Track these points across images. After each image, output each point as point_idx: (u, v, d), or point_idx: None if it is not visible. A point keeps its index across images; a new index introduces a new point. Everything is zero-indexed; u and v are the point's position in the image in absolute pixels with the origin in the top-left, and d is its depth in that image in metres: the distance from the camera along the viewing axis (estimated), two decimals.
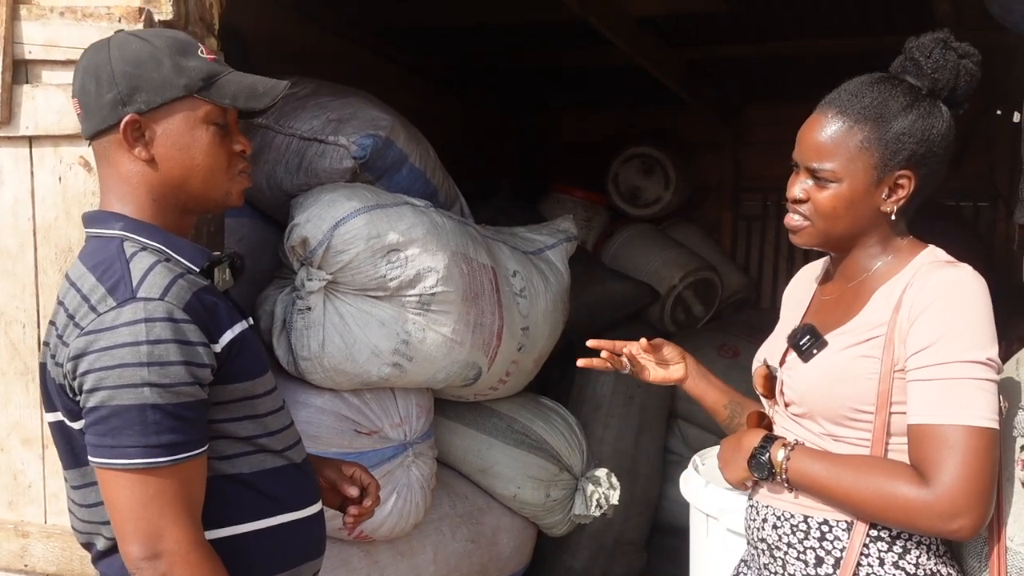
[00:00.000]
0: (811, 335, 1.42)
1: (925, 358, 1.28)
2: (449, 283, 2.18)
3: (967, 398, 1.25)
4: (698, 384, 1.71)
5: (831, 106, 1.40)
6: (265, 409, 1.39)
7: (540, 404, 2.80)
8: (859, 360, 1.35)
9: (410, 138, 2.36)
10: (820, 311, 1.51)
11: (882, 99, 1.37)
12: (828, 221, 1.39)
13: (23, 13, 1.75)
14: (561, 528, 2.78)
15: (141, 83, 1.31)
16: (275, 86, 1.42)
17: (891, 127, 1.35)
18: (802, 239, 1.44)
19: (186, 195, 1.37)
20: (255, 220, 2.35)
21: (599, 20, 3.26)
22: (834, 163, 1.37)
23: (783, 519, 1.43)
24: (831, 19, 3.70)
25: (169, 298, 1.25)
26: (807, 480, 1.36)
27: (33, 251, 1.81)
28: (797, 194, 1.42)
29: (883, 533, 1.35)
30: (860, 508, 1.33)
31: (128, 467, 1.22)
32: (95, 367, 1.22)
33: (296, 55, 3.24)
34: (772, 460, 1.39)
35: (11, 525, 1.86)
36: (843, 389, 1.36)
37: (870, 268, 1.43)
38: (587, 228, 4.63)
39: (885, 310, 1.35)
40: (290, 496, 1.41)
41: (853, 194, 1.37)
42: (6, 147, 1.80)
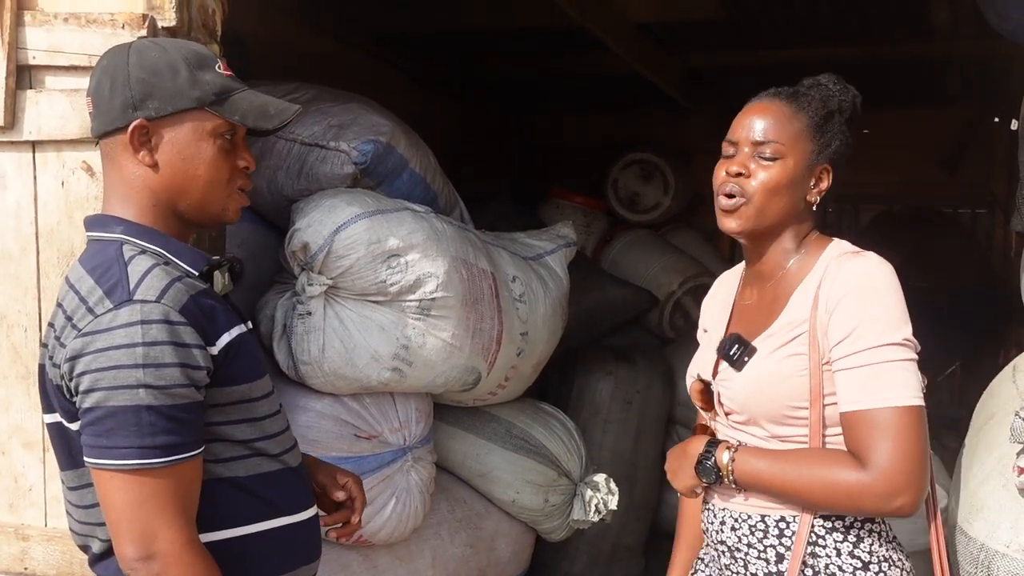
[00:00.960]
0: (739, 343, 1.47)
1: (846, 347, 1.34)
2: (449, 288, 2.19)
3: (890, 380, 1.32)
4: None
5: (774, 96, 1.50)
6: (262, 413, 1.39)
7: (539, 409, 2.81)
8: (789, 359, 1.41)
9: (410, 144, 2.37)
10: (743, 317, 1.55)
11: (812, 100, 1.48)
12: (767, 198, 1.44)
13: (27, 19, 1.76)
14: (560, 533, 2.78)
15: (154, 90, 1.33)
16: (286, 109, 1.43)
17: (824, 123, 1.47)
18: (739, 220, 1.47)
19: (184, 203, 1.38)
20: (256, 225, 2.36)
21: (598, 26, 3.28)
22: (781, 139, 1.45)
23: (740, 520, 1.47)
24: (830, 27, 3.72)
25: (166, 301, 1.26)
26: (753, 479, 1.40)
27: (35, 255, 1.82)
28: (737, 168, 1.46)
29: (837, 523, 1.40)
30: (807, 499, 1.37)
31: (123, 468, 1.23)
32: (91, 368, 1.23)
33: (297, 60, 3.25)
34: (718, 464, 1.43)
35: (11, 528, 1.87)
36: (779, 390, 1.41)
37: (785, 265, 1.49)
38: (586, 233, 4.63)
39: (804, 307, 1.42)
40: (286, 500, 1.42)
41: (794, 173, 1.45)
42: (9, 152, 1.81)
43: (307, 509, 1.47)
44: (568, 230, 2.89)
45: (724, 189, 1.48)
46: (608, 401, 3.66)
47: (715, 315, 1.65)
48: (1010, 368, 1.80)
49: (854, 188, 5.25)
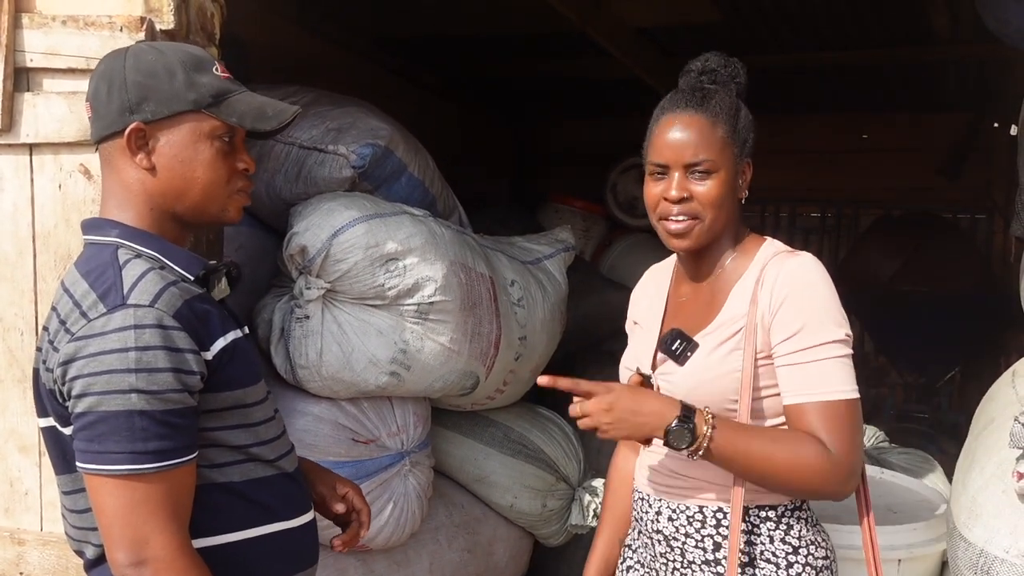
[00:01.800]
0: (681, 339, 1.49)
1: (791, 345, 1.40)
2: (447, 292, 2.18)
3: (834, 375, 1.39)
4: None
5: (686, 108, 1.50)
6: (257, 418, 1.39)
7: (537, 414, 2.80)
8: (730, 355, 1.45)
9: (409, 148, 2.37)
10: (679, 312, 1.58)
11: (720, 99, 1.50)
12: (714, 212, 1.47)
13: (25, 21, 1.76)
14: (557, 538, 2.78)
15: (150, 93, 1.33)
16: (284, 110, 1.43)
17: (736, 121, 1.50)
18: (692, 240, 1.48)
19: (184, 207, 1.38)
20: (254, 228, 2.36)
21: (597, 31, 3.28)
22: (711, 154, 1.46)
23: (678, 511, 1.51)
24: (828, 32, 3.73)
25: (159, 305, 1.25)
26: (728, 450, 1.38)
27: (32, 258, 1.81)
28: (679, 194, 1.47)
29: (770, 513, 1.47)
30: (774, 474, 1.39)
31: (114, 473, 1.22)
32: (84, 373, 1.22)
33: (296, 64, 3.25)
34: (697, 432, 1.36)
35: (7, 533, 1.86)
36: (720, 384, 1.45)
37: (723, 264, 1.52)
38: (585, 238, 4.63)
39: (743, 304, 1.46)
40: (281, 505, 1.41)
41: (730, 181, 1.47)
42: (6, 154, 1.81)
43: (303, 514, 1.46)
44: (567, 234, 2.89)
45: (670, 215, 1.49)
46: None
47: (646, 309, 1.66)
48: (1009, 373, 1.80)
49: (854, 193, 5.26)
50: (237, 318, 1.45)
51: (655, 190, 1.50)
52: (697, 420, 1.40)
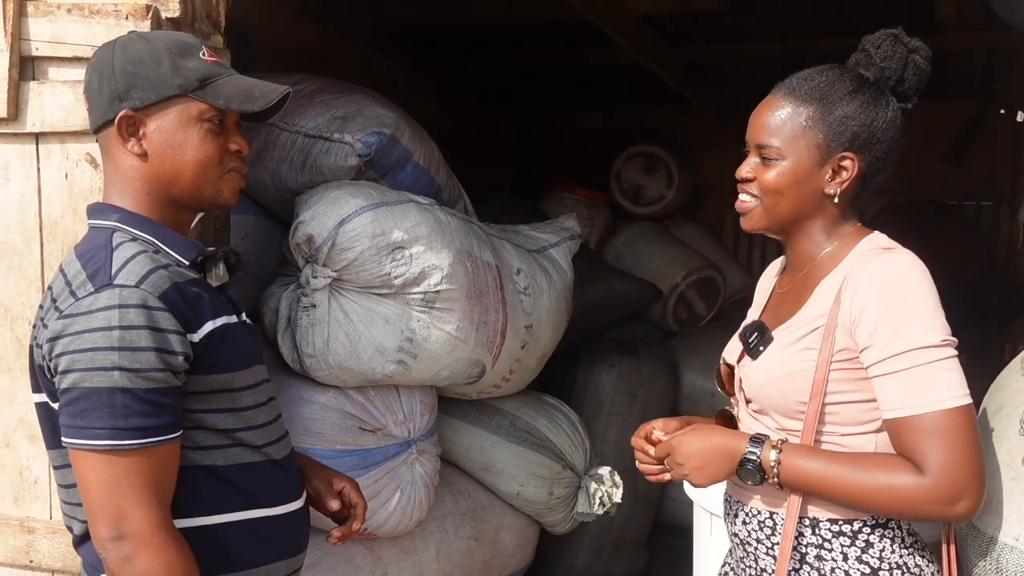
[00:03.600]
0: (758, 332, 1.46)
1: (880, 351, 1.29)
2: (453, 281, 2.18)
3: (935, 382, 1.27)
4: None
5: (780, 89, 1.45)
6: (246, 403, 1.41)
7: (543, 402, 2.80)
8: (802, 353, 1.38)
9: (414, 136, 2.36)
10: (775, 305, 1.53)
11: (828, 82, 1.41)
12: (772, 199, 1.41)
13: (30, 10, 1.75)
14: (564, 526, 2.78)
15: (138, 80, 1.37)
16: (271, 90, 1.44)
17: (835, 109, 1.38)
18: (750, 221, 1.46)
19: (178, 190, 1.41)
20: (260, 217, 2.35)
21: (601, 19, 3.27)
22: (779, 140, 1.40)
23: (751, 515, 1.46)
24: (832, 18, 3.71)
25: (145, 286, 1.28)
26: (801, 479, 1.34)
27: (39, 247, 1.81)
28: (745, 173, 1.45)
29: (845, 527, 1.37)
30: (860, 503, 1.32)
31: (96, 448, 1.25)
32: (69, 349, 1.26)
33: (300, 53, 3.25)
34: (763, 464, 1.35)
35: (16, 521, 1.86)
36: (789, 384, 1.38)
37: (815, 256, 1.45)
38: (590, 226, 4.63)
39: (826, 301, 1.37)
40: (266, 492, 1.43)
41: (796, 172, 1.39)
42: (13, 144, 1.80)
43: (290, 502, 1.47)
44: (572, 223, 2.88)
45: (739, 195, 1.47)
46: (612, 394, 3.65)
47: (757, 301, 1.64)
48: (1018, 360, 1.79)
49: None
50: (235, 305, 1.47)
51: (739, 168, 1.47)
52: (763, 453, 1.35)
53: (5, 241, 1.83)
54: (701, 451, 1.40)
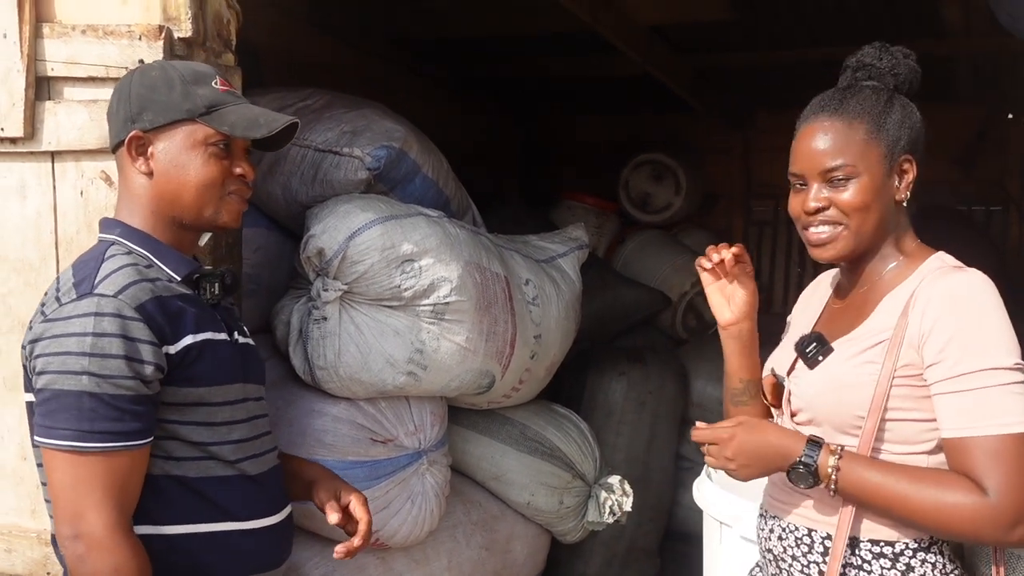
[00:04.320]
0: (817, 342, 1.43)
1: (947, 370, 1.27)
2: (463, 292, 2.20)
3: (1000, 405, 1.24)
4: (731, 341, 1.61)
5: (819, 115, 1.42)
6: (221, 418, 1.45)
7: (553, 411, 2.82)
8: (863, 366, 1.35)
9: (423, 149, 2.39)
10: (830, 319, 1.51)
11: (864, 99, 1.41)
12: (860, 218, 1.38)
13: (46, 31, 1.78)
14: (574, 535, 2.79)
15: (150, 104, 1.45)
16: (276, 120, 1.51)
17: (885, 119, 1.39)
18: (835, 249, 1.41)
19: (179, 209, 1.48)
20: (271, 231, 2.38)
21: (609, 29, 3.29)
22: (848, 159, 1.38)
23: (788, 531, 1.44)
24: (839, 26, 3.72)
25: (123, 297, 1.35)
26: (859, 489, 1.31)
27: (55, 263, 1.84)
28: (815, 205, 1.40)
29: (886, 549, 1.34)
30: (916, 518, 1.29)
31: (60, 448, 1.31)
32: (45, 352, 1.33)
33: (310, 66, 3.28)
34: (820, 469, 1.32)
35: (34, 533, 1.89)
36: (847, 396, 1.35)
37: (881, 273, 1.43)
38: (598, 235, 4.64)
39: (892, 316, 1.35)
40: (237, 506, 1.46)
41: (875, 184, 1.38)
42: (29, 162, 1.83)
43: (264, 518, 1.50)
44: (580, 232, 2.90)
45: (811, 226, 1.43)
46: (621, 402, 3.66)
47: (804, 312, 1.60)
48: None
49: None
50: (229, 324, 1.52)
51: (795, 201, 1.43)
52: (821, 458, 1.32)
53: (22, 258, 1.86)
54: (754, 447, 1.37)
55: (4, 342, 1.89)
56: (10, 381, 1.88)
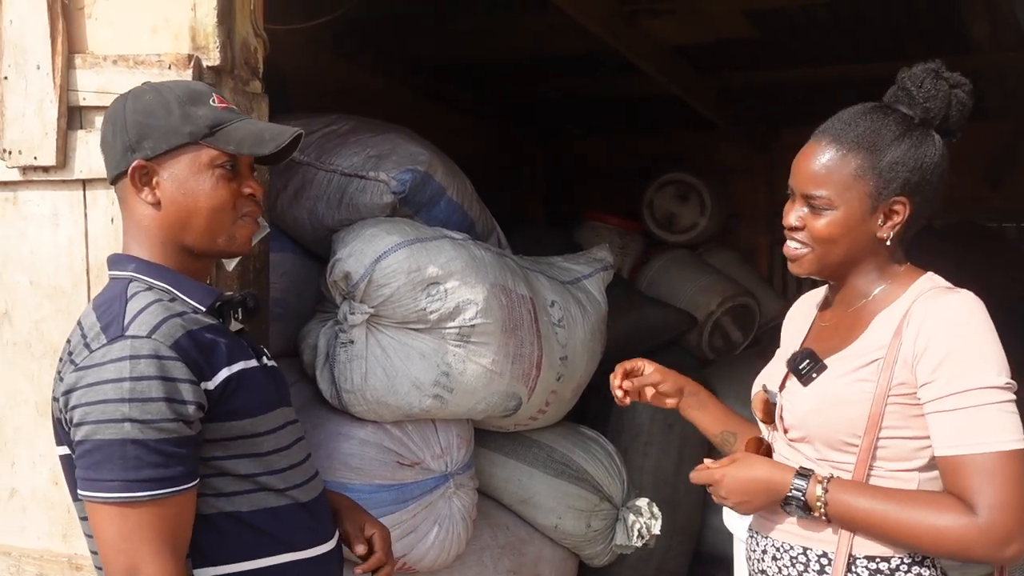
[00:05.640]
0: (811, 359, 1.44)
1: (940, 389, 1.29)
2: (488, 315, 2.20)
3: (993, 424, 1.26)
4: (689, 410, 1.76)
5: (826, 135, 1.42)
6: (268, 447, 1.40)
7: (579, 433, 2.80)
8: (857, 384, 1.37)
9: (448, 172, 2.40)
10: (819, 337, 1.52)
11: (875, 128, 1.39)
12: (825, 248, 1.41)
13: (78, 62, 1.82)
14: (602, 559, 2.76)
15: (148, 131, 1.38)
16: (282, 133, 1.44)
17: (884, 156, 1.37)
18: (801, 267, 1.46)
19: (192, 237, 1.41)
20: (298, 255, 2.40)
21: (632, 50, 3.30)
22: (828, 191, 1.39)
23: (782, 551, 1.44)
24: (863, 44, 3.71)
25: (157, 336, 1.28)
26: (848, 515, 1.34)
27: (87, 289, 1.87)
28: (793, 222, 1.44)
29: (881, 565, 1.35)
30: (908, 541, 1.31)
31: (108, 500, 1.25)
32: (82, 402, 1.26)
33: (335, 92, 3.32)
34: (808, 501, 1.36)
35: (65, 558, 1.90)
36: (840, 413, 1.37)
37: (869, 294, 1.44)
38: (622, 255, 4.63)
39: (885, 334, 1.37)
40: (292, 535, 1.42)
41: (848, 221, 1.39)
42: (62, 190, 1.87)
43: (317, 545, 1.46)
44: (605, 253, 2.89)
45: (787, 241, 1.47)
46: (648, 424, 3.64)
47: (793, 330, 1.63)
48: None
49: None
50: (255, 348, 1.47)
51: (785, 209, 1.47)
52: (810, 489, 1.35)
53: (54, 284, 1.89)
54: (746, 485, 1.42)
55: (37, 368, 1.91)
56: (42, 406, 1.90)
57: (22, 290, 1.92)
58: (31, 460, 1.93)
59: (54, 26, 1.81)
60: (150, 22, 1.79)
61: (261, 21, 1.85)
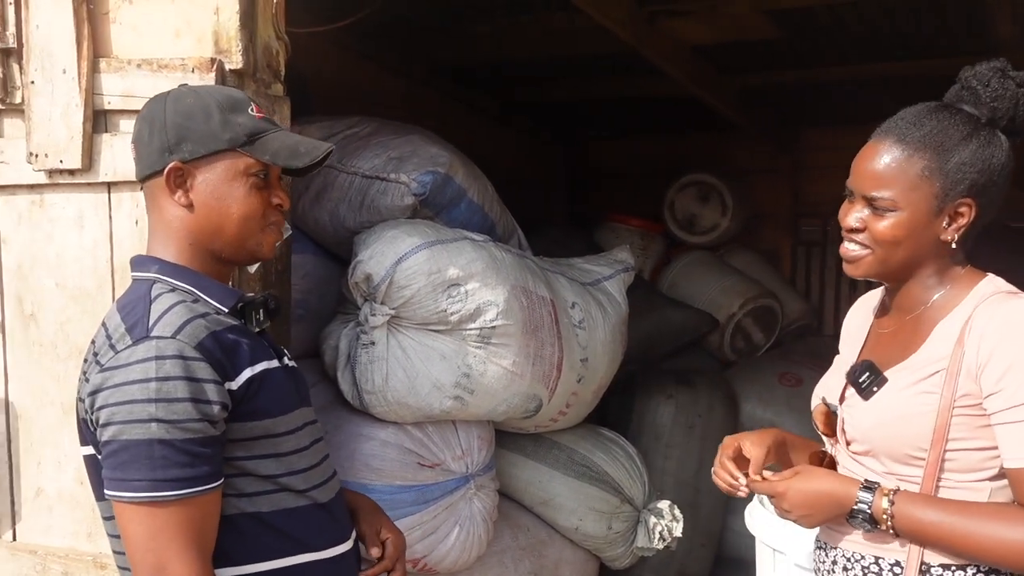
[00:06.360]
0: (871, 372, 1.40)
1: (1007, 399, 1.25)
2: (509, 316, 2.20)
3: None
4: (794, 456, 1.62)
5: (889, 134, 1.38)
6: (288, 448, 1.41)
7: (600, 435, 2.79)
8: (920, 396, 1.33)
9: (468, 173, 2.40)
10: (878, 345, 1.48)
11: (941, 128, 1.35)
12: (887, 250, 1.36)
13: (103, 66, 1.84)
14: (623, 561, 2.75)
15: (188, 134, 1.39)
16: (316, 147, 1.46)
17: (952, 157, 1.33)
18: (859, 269, 1.41)
19: (220, 242, 1.43)
20: (319, 257, 2.41)
21: (653, 51, 3.29)
22: (893, 192, 1.34)
23: (853, 560, 1.41)
24: (887, 42, 3.67)
25: (182, 337, 1.30)
26: (917, 529, 1.31)
27: (111, 291, 1.88)
28: (853, 223, 1.39)
29: (957, 574, 1.32)
30: (977, 555, 1.29)
31: (136, 500, 1.26)
32: (108, 403, 1.27)
33: (357, 94, 3.33)
34: (875, 513, 1.33)
35: (90, 557, 1.92)
36: (904, 427, 1.34)
37: (928, 300, 1.40)
38: (643, 256, 4.62)
39: (947, 344, 1.33)
40: (311, 536, 1.43)
41: (913, 223, 1.35)
42: (87, 193, 1.89)
43: (336, 545, 1.47)
44: (626, 254, 2.89)
45: (844, 243, 1.42)
46: (669, 426, 3.62)
47: (850, 338, 1.58)
48: None
49: None
50: (277, 348, 1.49)
51: (843, 215, 1.41)
52: (875, 502, 1.32)
53: (79, 286, 1.91)
54: (809, 498, 1.38)
55: (63, 368, 1.94)
56: (67, 406, 1.92)
57: (48, 292, 1.94)
58: (56, 460, 1.96)
59: (80, 31, 1.83)
60: (173, 26, 1.81)
61: (283, 24, 1.86)
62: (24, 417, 1.98)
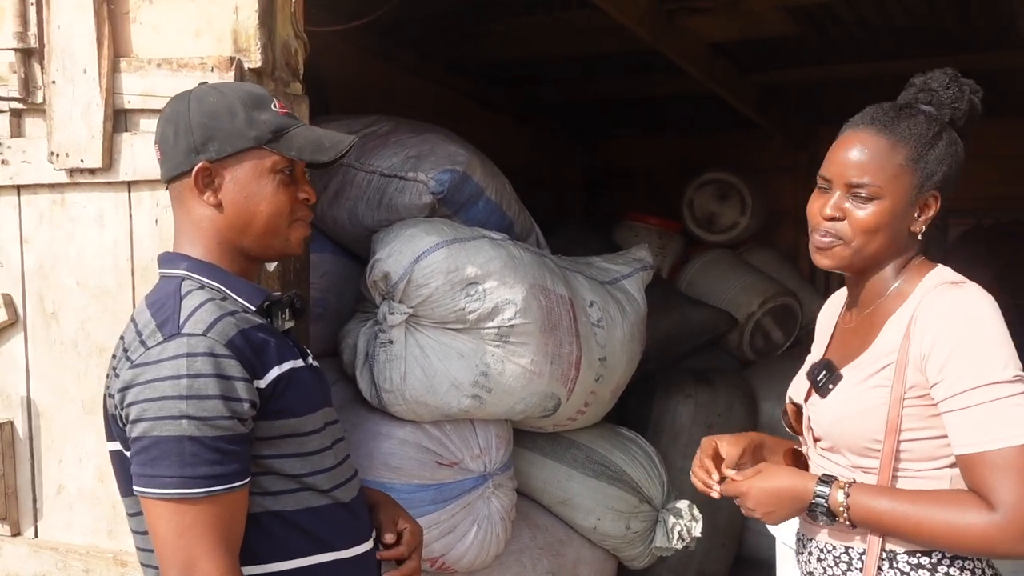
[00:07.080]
0: (827, 370, 1.45)
1: (951, 387, 1.29)
2: (527, 315, 2.20)
3: (1008, 418, 1.26)
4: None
5: (870, 126, 1.42)
6: (313, 447, 1.41)
7: (619, 434, 2.78)
8: (873, 391, 1.37)
9: (486, 172, 2.40)
10: (841, 342, 1.52)
11: (918, 123, 1.41)
12: (864, 239, 1.40)
13: (123, 65, 1.85)
14: (642, 561, 2.74)
15: (214, 133, 1.39)
16: (340, 141, 1.47)
17: (930, 150, 1.40)
18: (830, 259, 1.44)
19: (249, 240, 1.43)
20: (338, 255, 2.42)
21: (671, 49, 3.27)
22: (876, 178, 1.38)
23: (825, 551, 1.45)
24: (907, 40, 3.63)
25: (212, 334, 1.30)
26: (872, 518, 1.35)
27: (131, 290, 1.89)
28: (831, 211, 1.42)
29: (923, 560, 1.36)
30: (931, 541, 1.32)
31: (165, 496, 1.26)
32: (139, 399, 1.28)
33: (374, 93, 3.34)
34: (831, 506, 1.37)
35: (110, 554, 1.93)
36: (860, 422, 1.38)
37: (884, 292, 1.44)
38: (662, 255, 4.61)
39: (896, 337, 1.37)
40: (334, 535, 1.43)
41: (894, 211, 1.39)
42: (107, 192, 1.90)
43: (357, 545, 1.47)
44: (644, 253, 2.87)
45: (819, 230, 1.44)
46: (688, 425, 3.60)
47: (820, 336, 1.63)
48: None
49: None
50: (301, 348, 1.49)
51: (815, 204, 1.45)
52: (832, 495, 1.36)
53: (100, 284, 1.92)
54: (771, 495, 1.43)
55: (84, 367, 1.95)
56: (88, 404, 1.94)
57: (69, 290, 1.95)
58: (77, 457, 1.97)
59: (100, 31, 1.84)
60: (193, 25, 1.81)
61: (301, 23, 1.87)
62: (45, 415, 2.00)
